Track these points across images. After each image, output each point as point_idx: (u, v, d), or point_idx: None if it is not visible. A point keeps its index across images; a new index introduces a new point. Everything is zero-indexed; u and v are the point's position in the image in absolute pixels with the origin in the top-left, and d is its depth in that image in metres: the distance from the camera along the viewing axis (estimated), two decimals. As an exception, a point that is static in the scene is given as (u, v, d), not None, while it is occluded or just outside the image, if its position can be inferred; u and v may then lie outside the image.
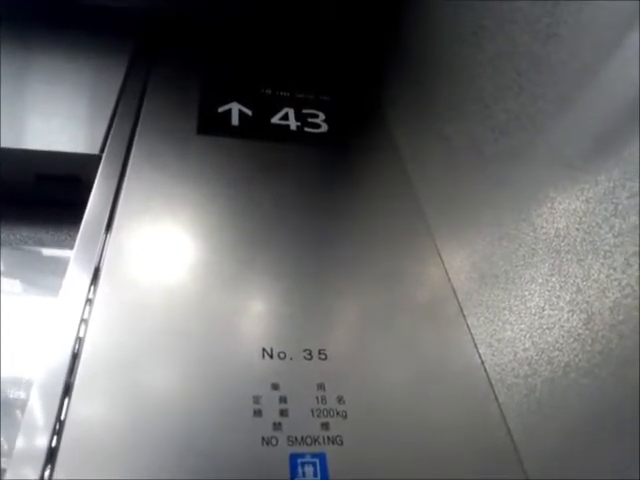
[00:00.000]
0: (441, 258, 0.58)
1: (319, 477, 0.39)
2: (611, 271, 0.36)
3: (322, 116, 0.74)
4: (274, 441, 0.40)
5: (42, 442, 0.37)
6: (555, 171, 0.43)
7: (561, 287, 0.40)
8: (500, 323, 0.47)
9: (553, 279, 0.41)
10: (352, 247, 0.57)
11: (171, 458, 0.38)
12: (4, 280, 0.57)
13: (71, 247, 0.51)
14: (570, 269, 0.39)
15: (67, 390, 0.40)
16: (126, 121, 0.65)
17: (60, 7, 0.77)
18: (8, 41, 0.72)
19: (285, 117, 0.73)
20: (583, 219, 0.39)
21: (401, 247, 0.58)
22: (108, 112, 0.66)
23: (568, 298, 0.39)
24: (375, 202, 0.64)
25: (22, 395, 0.48)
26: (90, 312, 0.45)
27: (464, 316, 0.52)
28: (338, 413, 0.43)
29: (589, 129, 0.40)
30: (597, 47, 0.40)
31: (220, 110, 0.71)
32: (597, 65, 0.39)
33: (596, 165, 0.38)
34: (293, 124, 0.72)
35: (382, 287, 0.54)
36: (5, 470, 0.35)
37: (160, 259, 0.51)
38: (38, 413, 0.39)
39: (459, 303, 0.53)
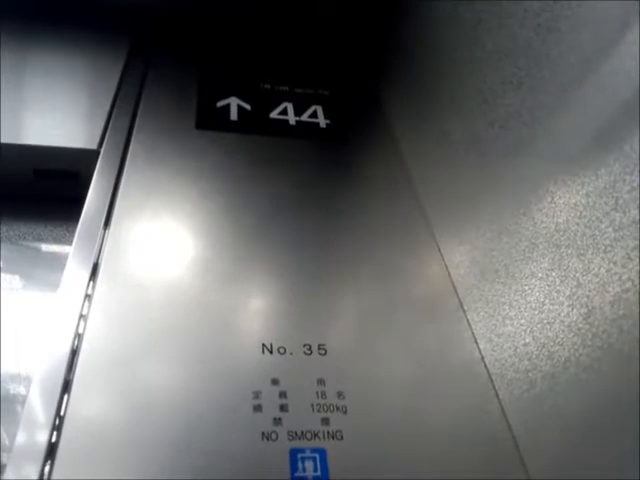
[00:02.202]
0: (441, 253, 0.58)
1: (319, 472, 0.39)
2: (611, 265, 0.36)
3: (321, 111, 0.74)
4: (274, 436, 0.40)
5: (42, 438, 0.37)
6: (555, 165, 0.43)
7: (561, 281, 0.40)
8: (500, 318, 0.47)
9: (553, 273, 0.41)
10: (352, 243, 0.57)
11: (171, 454, 0.38)
12: (3, 276, 0.57)
13: (70, 243, 0.51)
14: (570, 263, 0.39)
15: (66, 386, 0.40)
16: (124, 116, 0.65)
17: (58, 3, 0.77)
18: (6, 37, 0.71)
19: (284, 112, 0.72)
20: (583, 213, 0.39)
21: (401, 242, 0.58)
22: (106, 107, 0.66)
23: (568, 292, 0.39)
24: (374, 197, 0.63)
25: (22, 391, 0.48)
26: (89, 308, 0.45)
27: (464, 311, 0.52)
28: (338, 408, 0.43)
29: (589, 123, 0.40)
30: (597, 41, 0.39)
31: (219, 105, 0.71)
32: (597, 59, 0.39)
33: (596, 159, 0.38)
34: (292, 119, 0.71)
35: (382, 282, 0.54)
36: (5, 465, 0.35)
37: (159, 255, 0.51)
38: (38, 409, 0.39)
39: (459, 298, 0.53)
